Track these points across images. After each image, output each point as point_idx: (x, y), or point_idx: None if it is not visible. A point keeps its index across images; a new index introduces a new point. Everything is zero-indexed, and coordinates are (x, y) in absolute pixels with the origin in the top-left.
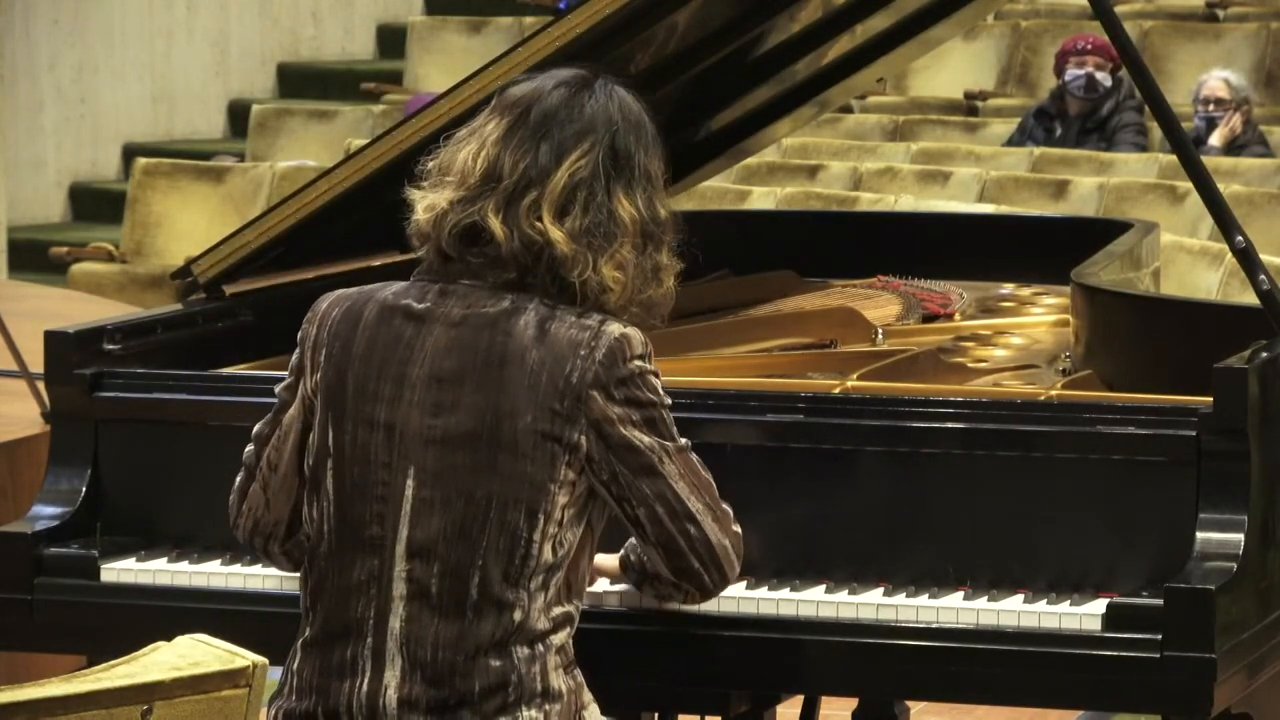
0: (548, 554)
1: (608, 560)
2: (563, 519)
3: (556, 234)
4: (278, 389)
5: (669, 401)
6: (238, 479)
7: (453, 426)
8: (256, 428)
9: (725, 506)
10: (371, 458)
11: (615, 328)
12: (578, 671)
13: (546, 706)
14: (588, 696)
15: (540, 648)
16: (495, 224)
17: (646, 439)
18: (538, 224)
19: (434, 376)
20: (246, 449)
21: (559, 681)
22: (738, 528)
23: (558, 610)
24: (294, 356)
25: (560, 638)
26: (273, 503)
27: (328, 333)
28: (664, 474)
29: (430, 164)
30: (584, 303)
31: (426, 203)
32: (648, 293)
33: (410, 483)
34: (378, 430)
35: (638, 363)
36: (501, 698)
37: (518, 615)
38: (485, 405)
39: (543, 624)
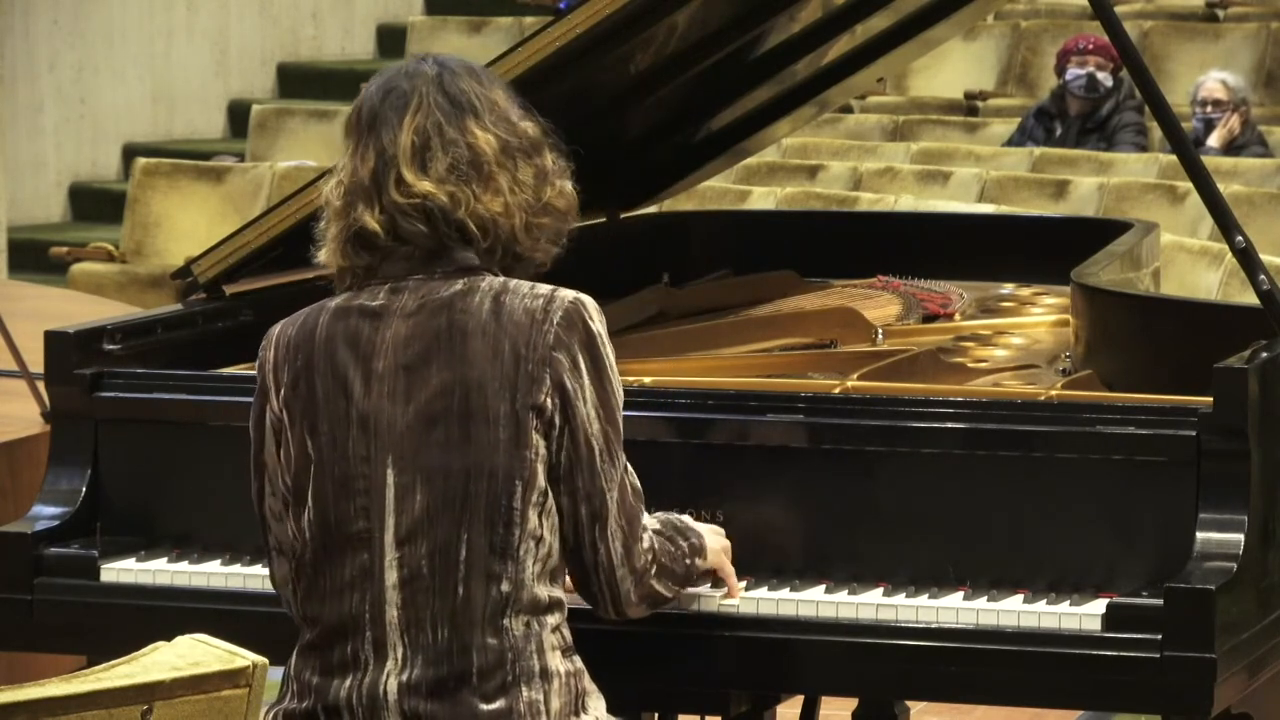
0: (534, 521)
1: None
2: (548, 489)
3: (426, 185)
4: (250, 427)
5: (621, 392)
6: (269, 570)
7: (424, 407)
8: (252, 492)
9: (645, 542)
10: (350, 454)
11: (568, 293)
12: (577, 657)
13: (545, 687)
14: (590, 684)
15: (536, 626)
16: (370, 220)
17: (596, 427)
18: (410, 189)
19: (399, 365)
20: (263, 536)
21: (557, 663)
22: (653, 568)
23: (549, 590)
24: (257, 386)
25: (555, 619)
26: (289, 556)
27: (286, 351)
28: (599, 472)
29: (319, 227)
30: (487, 238)
31: (323, 251)
32: (544, 199)
33: (390, 471)
34: (352, 427)
35: (597, 326)
36: (500, 677)
37: (506, 586)
38: (453, 380)
39: (536, 598)
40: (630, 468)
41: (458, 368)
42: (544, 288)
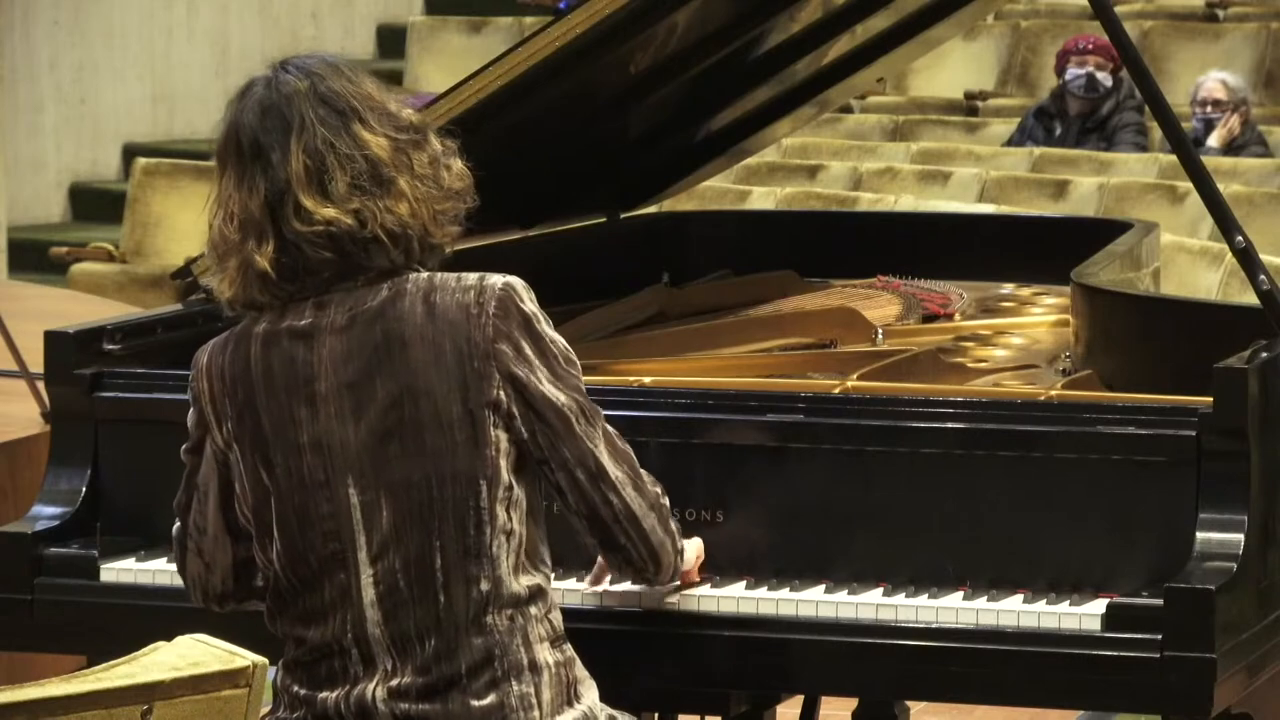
0: (502, 517)
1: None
2: (511, 482)
3: (329, 211)
4: (182, 453)
5: (574, 357)
6: (176, 558)
7: (375, 423)
8: (176, 499)
9: (648, 476)
10: (308, 481)
11: (497, 278)
12: (568, 646)
13: (535, 680)
14: (582, 672)
15: (520, 619)
16: (271, 254)
17: (562, 397)
18: (311, 217)
19: (342, 384)
20: (175, 526)
21: (545, 654)
22: (664, 500)
23: (528, 579)
24: (191, 415)
25: (538, 609)
26: (212, 564)
27: (223, 384)
28: (581, 435)
29: (206, 252)
30: (400, 244)
31: (219, 288)
32: (444, 184)
33: (352, 491)
34: (305, 453)
35: (530, 306)
36: (489, 674)
37: (485, 585)
38: (399, 392)
39: (515, 591)
40: (604, 415)
41: (402, 378)
42: (471, 277)
